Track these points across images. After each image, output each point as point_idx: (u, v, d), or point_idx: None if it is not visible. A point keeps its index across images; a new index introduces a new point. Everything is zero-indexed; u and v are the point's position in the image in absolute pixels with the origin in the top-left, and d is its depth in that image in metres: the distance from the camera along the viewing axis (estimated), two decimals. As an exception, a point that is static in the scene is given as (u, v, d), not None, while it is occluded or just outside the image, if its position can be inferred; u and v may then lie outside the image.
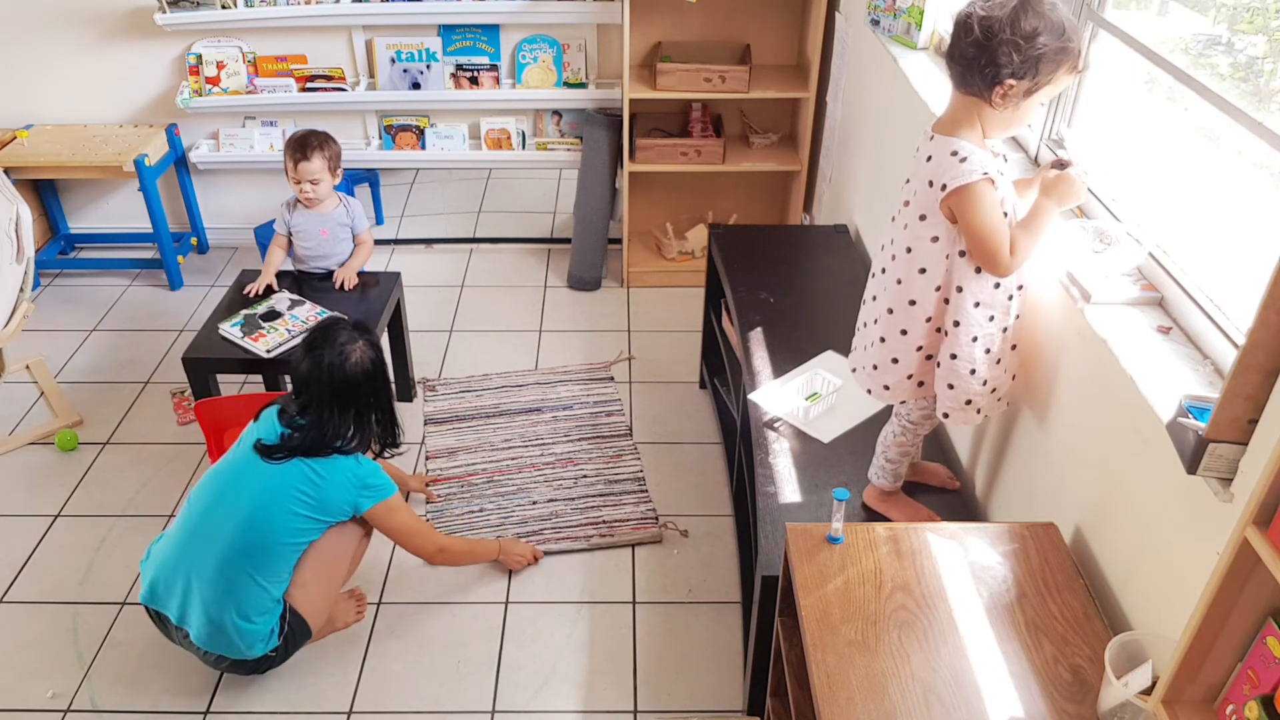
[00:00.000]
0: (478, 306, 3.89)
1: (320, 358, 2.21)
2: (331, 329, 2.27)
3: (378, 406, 2.32)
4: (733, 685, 2.40)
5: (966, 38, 1.60)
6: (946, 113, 1.74)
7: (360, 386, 2.24)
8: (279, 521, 2.19)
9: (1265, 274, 1.13)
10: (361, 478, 2.27)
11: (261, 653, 2.26)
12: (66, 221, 4.26)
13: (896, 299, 1.82)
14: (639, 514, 2.85)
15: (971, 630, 1.55)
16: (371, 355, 2.28)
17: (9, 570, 2.70)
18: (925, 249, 1.75)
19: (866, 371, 1.95)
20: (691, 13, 3.71)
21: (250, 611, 2.20)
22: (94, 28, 3.78)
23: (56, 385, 3.36)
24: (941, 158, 1.69)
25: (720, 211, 4.15)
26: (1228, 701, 1.16)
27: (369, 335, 2.31)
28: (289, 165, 2.98)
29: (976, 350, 1.78)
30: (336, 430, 2.22)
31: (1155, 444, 1.47)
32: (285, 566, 2.24)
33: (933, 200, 1.70)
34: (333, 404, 2.21)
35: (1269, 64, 1.60)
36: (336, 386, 2.21)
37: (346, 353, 2.22)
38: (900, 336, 1.84)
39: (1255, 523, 1.04)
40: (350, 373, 2.22)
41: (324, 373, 2.20)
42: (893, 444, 2.02)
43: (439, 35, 3.80)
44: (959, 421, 1.87)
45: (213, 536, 2.20)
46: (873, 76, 3.05)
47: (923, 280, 1.77)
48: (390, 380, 2.38)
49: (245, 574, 2.18)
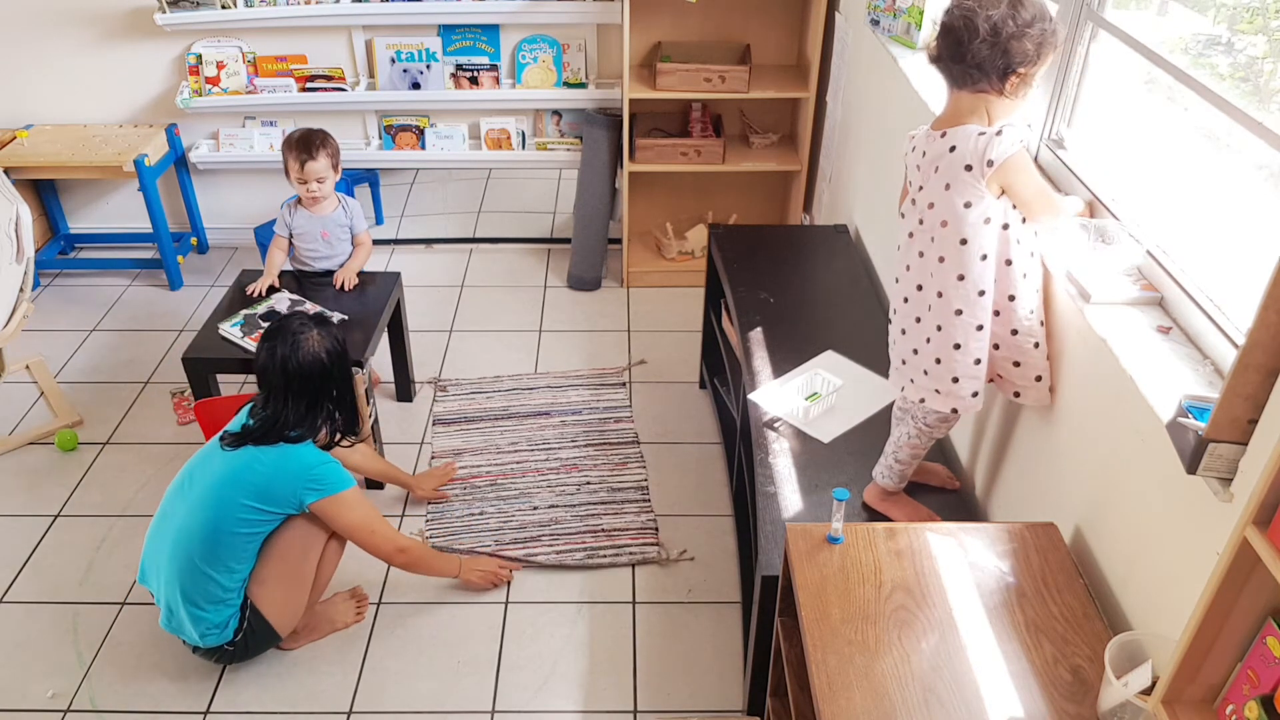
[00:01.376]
0: (478, 306, 3.89)
1: (274, 348, 2.24)
2: (288, 320, 2.30)
3: (333, 396, 2.33)
4: (733, 685, 2.40)
5: (974, 39, 1.65)
6: (948, 111, 1.78)
7: (312, 376, 2.25)
8: (225, 509, 2.20)
9: (1265, 274, 1.13)
10: (309, 469, 2.25)
11: (215, 643, 2.28)
12: (66, 221, 4.26)
13: (964, 297, 1.78)
14: (639, 524, 2.84)
15: (971, 630, 1.55)
16: (327, 345, 2.29)
17: (9, 570, 2.70)
18: (980, 234, 1.75)
19: (944, 392, 1.86)
20: (691, 13, 3.71)
21: (198, 598, 2.22)
22: (94, 28, 3.78)
23: (56, 385, 3.37)
24: (970, 142, 1.71)
25: (720, 211, 4.15)
26: (1227, 701, 1.16)
27: (327, 326, 2.33)
28: (293, 165, 2.96)
29: (1035, 322, 1.82)
30: (288, 420, 2.24)
31: (1155, 444, 1.48)
32: (235, 557, 2.23)
33: (975, 183, 1.71)
34: (286, 394, 2.24)
35: (1269, 64, 1.60)
36: (289, 376, 2.23)
37: (299, 342, 2.24)
38: (976, 334, 1.80)
39: (1255, 523, 1.04)
40: (302, 362, 2.23)
41: (277, 363, 2.23)
42: (905, 445, 2.01)
43: (439, 35, 3.80)
44: (1031, 401, 1.87)
45: (170, 522, 2.27)
46: (873, 76, 3.05)
47: (985, 266, 1.76)
48: (350, 370, 2.38)
49: (194, 560, 2.21)
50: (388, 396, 3.35)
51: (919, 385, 1.91)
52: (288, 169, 2.99)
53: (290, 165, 2.97)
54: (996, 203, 1.73)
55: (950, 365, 1.84)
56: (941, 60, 1.73)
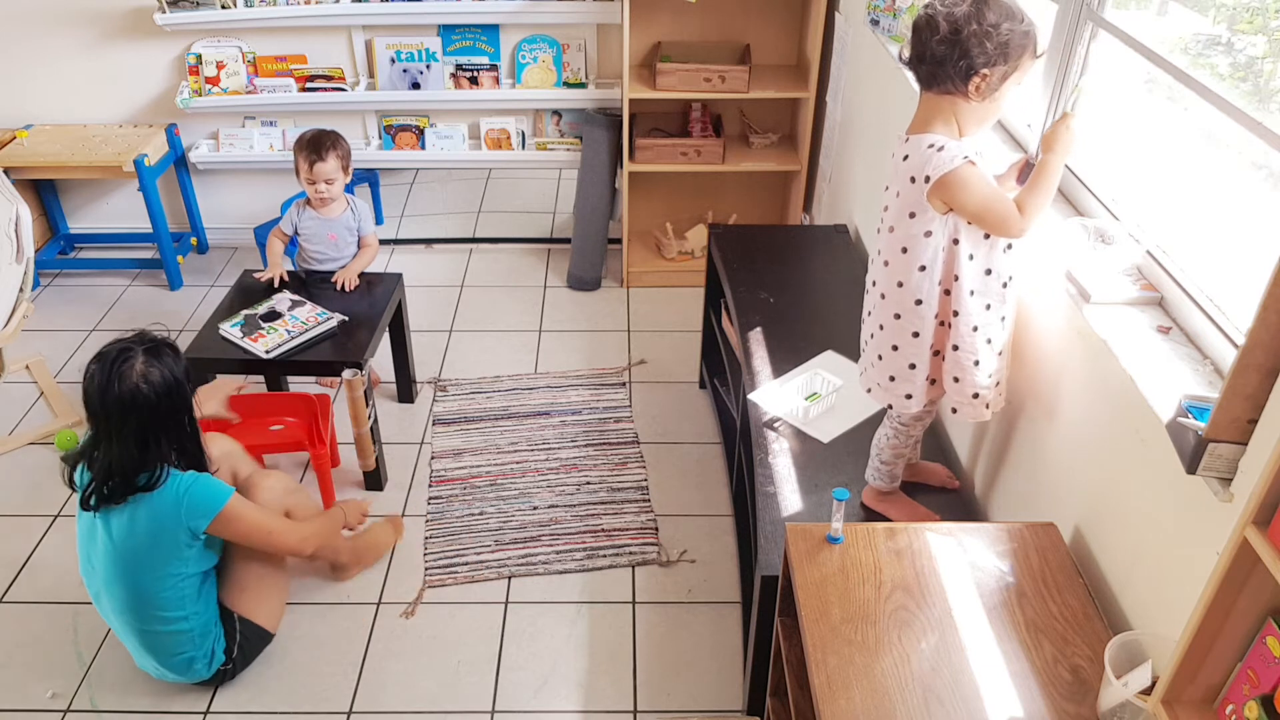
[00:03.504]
0: (477, 306, 3.89)
1: (93, 376, 1.98)
2: (112, 347, 2.02)
3: (167, 431, 2.05)
4: (733, 685, 2.40)
5: (933, 36, 1.65)
6: (918, 115, 1.76)
7: (132, 410, 1.98)
8: (139, 577, 2.10)
9: (1265, 274, 1.13)
10: (179, 501, 2.05)
11: (209, 674, 2.29)
12: (66, 221, 4.26)
13: (901, 303, 1.82)
14: (639, 524, 2.84)
15: (971, 630, 1.55)
16: (154, 375, 1.99)
17: (9, 570, 2.70)
18: (920, 245, 1.75)
19: (884, 386, 1.92)
20: (691, 13, 3.71)
21: (177, 647, 2.20)
22: (94, 28, 3.78)
23: (56, 385, 3.36)
24: (919, 153, 1.70)
25: (720, 211, 4.15)
26: (1227, 701, 1.16)
27: (158, 352, 2.04)
28: (302, 166, 2.98)
29: (979, 340, 1.79)
30: (123, 467, 2.00)
31: (1155, 444, 1.48)
32: (180, 600, 2.16)
33: (919, 195, 1.71)
34: (110, 433, 1.99)
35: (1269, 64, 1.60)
36: (108, 409, 1.97)
37: (122, 373, 1.97)
38: (913, 340, 1.83)
39: (1255, 523, 1.04)
40: (121, 394, 1.96)
41: (95, 391, 1.98)
42: (886, 446, 2.02)
43: (439, 35, 3.80)
44: (967, 417, 1.87)
45: (104, 603, 2.20)
46: (872, 76, 3.05)
47: (923, 277, 1.77)
48: (186, 402, 2.09)
49: (150, 627, 2.16)
50: (388, 397, 3.35)
51: (868, 376, 1.96)
52: (298, 169, 3.01)
53: (300, 165, 2.99)
54: (942, 218, 1.72)
55: (889, 363, 1.88)
56: (910, 60, 1.73)
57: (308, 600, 2.59)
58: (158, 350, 2.04)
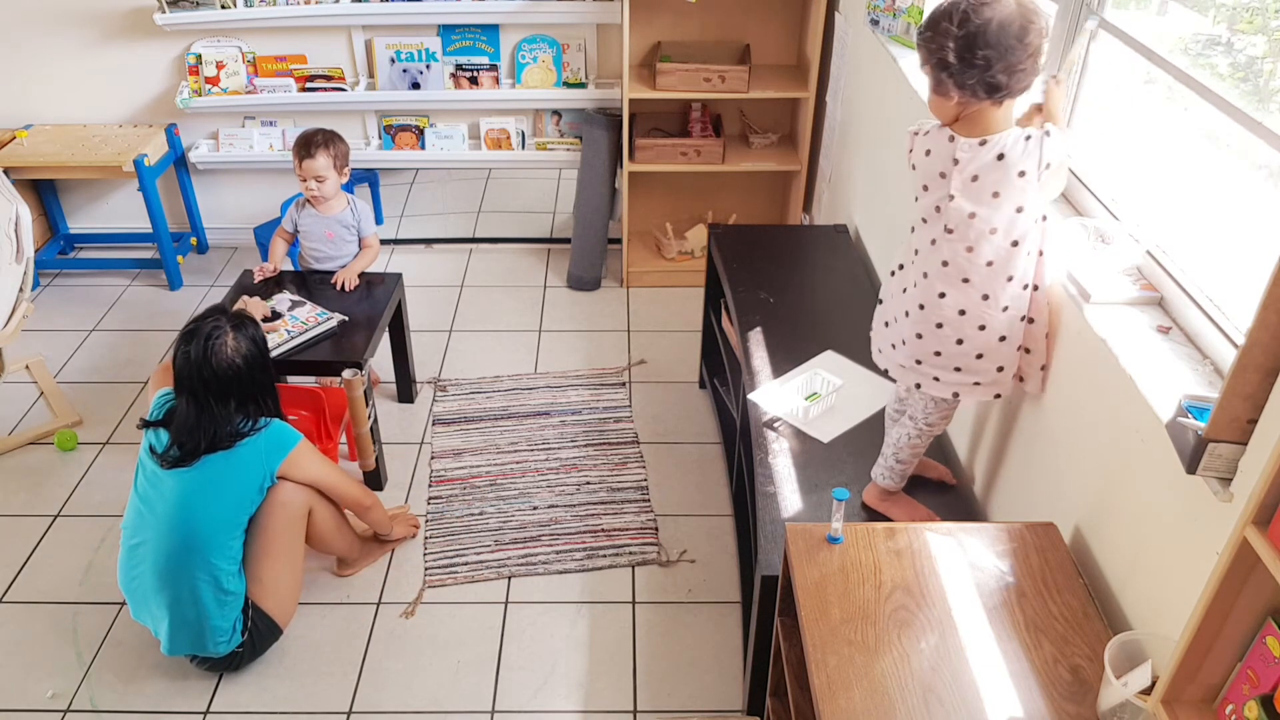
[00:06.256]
0: (477, 306, 3.89)
1: (189, 353, 2.19)
2: (203, 321, 2.24)
3: (257, 394, 2.29)
4: (733, 685, 2.40)
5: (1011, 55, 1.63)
6: (972, 119, 1.71)
7: (232, 380, 2.22)
8: (202, 521, 2.20)
9: (1265, 274, 1.13)
10: (259, 440, 2.26)
11: (227, 650, 2.30)
12: (66, 221, 4.26)
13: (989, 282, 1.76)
14: (639, 524, 2.84)
15: (971, 630, 1.55)
16: (244, 347, 2.24)
17: (9, 570, 2.70)
18: (1033, 233, 1.74)
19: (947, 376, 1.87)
20: (691, 13, 3.71)
21: (204, 608, 2.22)
22: (94, 28, 3.78)
23: (56, 385, 3.37)
24: (1016, 146, 1.67)
25: (720, 211, 4.15)
26: (1227, 701, 1.17)
27: (244, 327, 2.27)
28: (295, 163, 2.99)
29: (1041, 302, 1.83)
30: (222, 428, 2.21)
31: (1155, 444, 1.48)
32: (226, 553, 2.25)
33: (1026, 184, 1.69)
34: (207, 397, 2.20)
35: (1269, 64, 1.60)
36: (207, 380, 2.19)
37: (214, 346, 2.20)
38: (1002, 315, 1.79)
39: (1255, 522, 1.04)
40: (217, 369, 2.19)
41: (193, 367, 2.19)
42: (906, 446, 2.01)
43: (439, 35, 3.80)
44: (1031, 388, 1.88)
45: (145, 551, 2.24)
46: (872, 76, 3.05)
47: (1029, 261, 1.77)
48: (267, 362, 2.34)
49: (190, 575, 2.20)
50: (388, 397, 3.35)
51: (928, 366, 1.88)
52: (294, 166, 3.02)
53: (294, 162, 3.00)
54: (1038, 199, 1.73)
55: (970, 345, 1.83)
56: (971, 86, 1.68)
57: (308, 600, 2.59)
58: (242, 324, 2.28)
